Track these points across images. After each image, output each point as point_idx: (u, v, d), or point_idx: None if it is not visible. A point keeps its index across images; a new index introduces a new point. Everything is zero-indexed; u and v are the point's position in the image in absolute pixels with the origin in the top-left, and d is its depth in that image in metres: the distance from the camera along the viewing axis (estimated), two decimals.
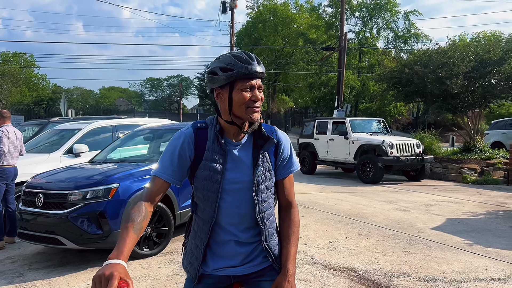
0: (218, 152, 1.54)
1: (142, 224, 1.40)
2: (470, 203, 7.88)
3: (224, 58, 1.52)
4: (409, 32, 29.36)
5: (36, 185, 4.80)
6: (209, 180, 1.53)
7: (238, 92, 1.49)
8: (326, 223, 6.32)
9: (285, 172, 1.68)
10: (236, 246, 1.58)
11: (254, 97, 1.50)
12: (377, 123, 12.78)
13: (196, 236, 1.63)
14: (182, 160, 1.55)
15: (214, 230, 1.58)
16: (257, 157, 1.57)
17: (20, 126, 9.73)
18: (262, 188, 1.57)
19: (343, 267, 4.36)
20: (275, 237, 1.66)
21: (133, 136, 6.44)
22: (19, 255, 5.08)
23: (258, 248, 1.61)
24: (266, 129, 1.62)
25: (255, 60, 1.52)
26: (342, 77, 19.27)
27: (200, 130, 1.59)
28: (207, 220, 1.56)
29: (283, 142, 1.65)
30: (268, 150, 1.60)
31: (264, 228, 1.59)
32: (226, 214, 1.56)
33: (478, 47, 12.81)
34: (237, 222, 1.57)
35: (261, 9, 39.19)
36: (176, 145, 1.56)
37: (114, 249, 1.28)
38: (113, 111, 39.10)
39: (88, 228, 4.34)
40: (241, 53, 1.53)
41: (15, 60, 44.35)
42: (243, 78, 1.49)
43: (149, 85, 64.06)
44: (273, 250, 1.62)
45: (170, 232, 4.98)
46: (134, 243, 1.34)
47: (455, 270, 4.23)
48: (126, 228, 1.36)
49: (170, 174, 1.54)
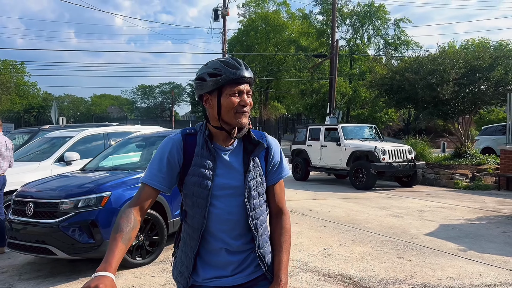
0: (207, 158, 1.52)
1: (131, 234, 1.38)
2: (463, 209, 7.92)
3: (212, 63, 1.52)
4: (400, 39, 29.72)
5: (26, 193, 4.72)
6: (198, 186, 1.51)
7: (227, 97, 1.48)
8: (320, 230, 6.31)
9: (276, 177, 1.65)
10: (228, 255, 1.55)
11: (242, 101, 1.50)
12: (369, 129, 12.84)
13: (185, 244, 1.59)
14: (171, 166, 1.53)
15: (204, 238, 1.54)
16: (248, 163, 1.55)
17: (10, 134, 9.62)
18: (254, 194, 1.55)
19: (338, 274, 4.34)
20: (268, 245, 1.63)
21: (125, 143, 6.39)
22: (9, 265, 4.98)
23: (250, 256, 1.58)
24: (256, 134, 1.60)
25: (243, 65, 1.51)
26: (334, 84, 19.39)
27: (189, 136, 1.57)
28: (197, 227, 1.53)
29: (273, 148, 1.64)
30: (259, 155, 1.58)
31: (258, 235, 1.56)
32: (217, 221, 1.53)
33: (467, 54, 12.99)
34: (229, 228, 1.54)
35: (252, 16, 39.38)
36: (164, 152, 1.54)
37: (102, 261, 1.27)
38: (105, 119, 38.90)
39: (80, 237, 4.27)
40: (228, 59, 1.52)
41: (5, 67, 43.98)
42: (231, 83, 1.48)
43: (141, 92, 63.89)
44: (266, 259, 1.59)
45: (163, 240, 4.92)
46: (123, 254, 1.32)
47: (449, 276, 4.23)
48: (115, 238, 1.34)
49: (159, 181, 1.52)
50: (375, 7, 29.11)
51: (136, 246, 4.68)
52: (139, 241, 4.69)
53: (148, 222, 4.76)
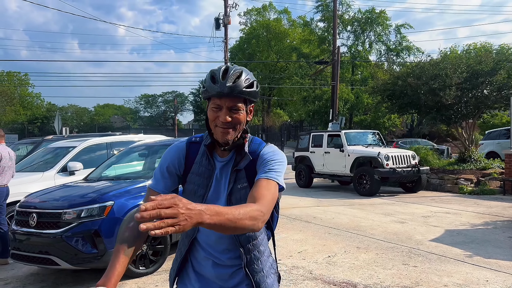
0: (206, 167, 1.51)
1: (135, 244, 1.37)
2: (468, 214, 7.86)
3: (209, 72, 1.48)
4: (401, 45, 29.74)
5: (29, 204, 4.72)
6: (194, 195, 1.50)
7: (210, 110, 1.45)
8: (324, 237, 6.26)
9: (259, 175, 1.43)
10: (215, 267, 1.51)
11: (221, 117, 1.40)
12: (372, 135, 12.81)
13: (178, 249, 1.63)
14: (172, 173, 1.54)
15: (194, 245, 1.56)
16: (233, 175, 1.50)
17: (14, 145, 9.67)
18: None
19: (343, 282, 4.30)
20: (261, 263, 1.54)
21: (128, 152, 6.39)
22: (12, 276, 4.97)
23: (239, 274, 1.51)
24: (254, 145, 1.53)
25: (227, 78, 1.38)
26: (336, 90, 19.40)
27: (193, 144, 1.57)
28: (188, 233, 1.54)
29: (264, 154, 1.49)
30: (244, 166, 1.49)
31: (244, 250, 1.50)
32: (203, 232, 1.52)
33: (469, 59, 12.97)
34: (214, 242, 1.51)
35: (254, 25, 39.63)
36: (166, 159, 1.55)
37: (104, 275, 1.26)
38: (108, 128, 39.04)
39: (83, 247, 4.26)
40: (218, 69, 1.43)
41: (10, 79, 44.33)
42: (212, 96, 1.42)
43: (144, 101, 64.10)
44: (254, 277, 1.50)
45: (167, 250, 4.90)
46: (125, 267, 1.31)
47: (456, 282, 4.18)
48: (118, 250, 1.32)
49: (164, 186, 1.52)
50: (376, 13, 29.19)
51: (140, 255, 4.66)
52: (143, 251, 4.67)
53: None
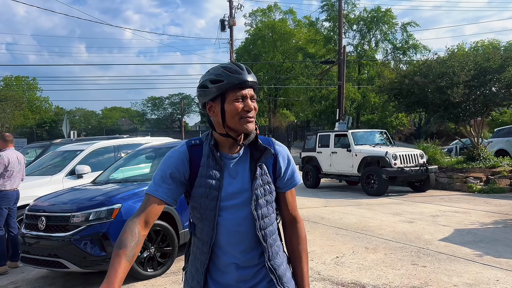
0: (214, 168, 1.48)
1: (135, 250, 1.35)
2: (477, 213, 7.78)
3: (213, 70, 1.48)
4: (407, 43, 29.55)
5: (38, 208, 4.77)
6: (206, 198, 1.46)
7: (230, 103, 1.44)
8: (332, 238, 6.24)
9: (287, 185, 1.59)
10: (237, 271, 1.49)
11: (246, 107, 1.45)
12: (380, 134, 12.74)
13: (196, 259, 1.55)
14: (175, 178, 1.49)
15: (214, 252, 1.49)
16: (255, 170, 1.49)
17: (23, 149, 9.75)
18: (261, 202, 1.49)
19: (351, 283, 4.27)
20: (279, 257, 1.56)
21: (135, 155, 6.43)
22: (22, 279, 5.01)
23: (261, 272, 1.51)
24: (263, 141, 1.54)
25: (245, 69, 1.47)
26: (343, 90, 19.34)
27: (194, 147, 1.53)
28: (206, 240, 1.49)
29: (281, 154, 1.57)
30: (266, 162, 1.52)
31: (267, 245, 1.50)
32: (225, 233, 1.47)
33: (477, 56, 12.85)
34: (237, 241, 1.48)
35: (259, 26, 39.59)
36: (169, 163, 1.50)
37: (105, 280, 1.23)
38: (116, 131, 39.21)
39: (91, 250, 4.28)
40: (230, 64, 1.48)
41: (18, 84, 44.77)
42: (234, 88, 1.44)
43: (150, 104, 64.37)
44: (277, 271, 1.52)
45: (174, 251, 4.91)
46: (126, 272, 1.29)
47: (466, 282, 4.14)
48: (118, 255, 1.30)
49: (164, 192, 1.47)
50: (381, 12, 29.06)
51: (148, 257, 4.68)
52: (150, 253, 4.69)
53: (159, 233, 4.76)
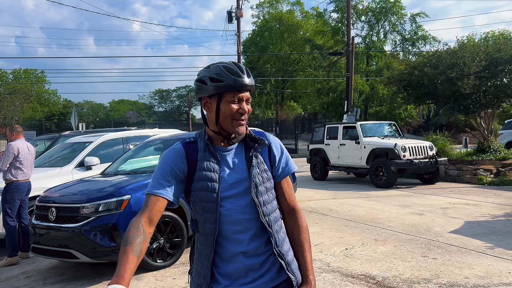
0: (211, 160, 1.52)
1: (141, 246, 1.35)
2: (488, 205, 7.70)
3: (214, 68, 1.52)
4: (417, 34, 29.16)
5: (48, 199, 4.80)
6: (206, 190, 1.49)
7: (226, 104, 1.49)
8: (341, 230, 6.21)
9: (283, 173, 1.63)
10: (245, 259, 1.50)
11: (241, 109, 1.50)
12: (388, 126, 12.64)
13: (200, 255, 1.56)
14: (175, 175, 1.51)
15: (219, 244, 1.50)
16: (251, 159, 1.54)
17: (32, 141, 9.80)
18: (261, 189, 1.52)
19: (361, 275, 4.26)
20: (286, 242, 1.59)
21: (143, 147, 6.43)
22: (33, 270, 5.07)
23: (269, 260, 1.53)
24: (256, 133, 1.62)
25: (245, 73, 1.51)
26: (351, 81, 19.18)
27: (189, 144, 1.58)
28: (210, 233, 1.50)
29: (274, 144, 1.64)
30: (261, 151, 1.59)
31: (273, 231, 1.53)
32: (229, 222, 1.49)
33: (488, 47, 12.65)
34: (243, 229, 1.50)
35: (266, 17, 39.30)
36: (167, 161, 1.53)
37: (114, 274, 1.24)
38: (123, 124, 39.45)
39: (101, 241, 4.30)
40: (231, 65, 1.52)
41: (27, 76, 45.07)
42: (232, 90, 1.48)
43: (158, 96, 64.57)
44: (286, 257, 1.54)
45: (184, 242, 4.93)
46: (135, 266, 1.29)
47: (477, 274, 4.10)
48: (125, 251, 1.30)
49: (165, 190, 1.48)
50: (390, 2, 28.67)
51: (157, 248, 4.70)
52: (160, 244, 4.70)
53: (168, 224, 4.77)
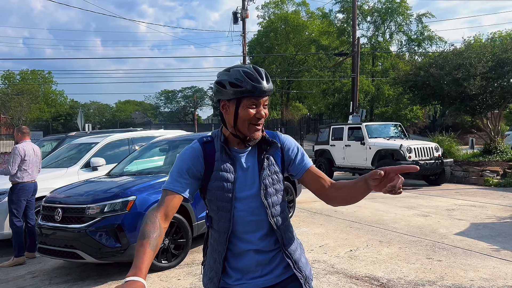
0: (227, 162, 1.57)
1: (158, 241, 1.38)
2: (494, 207, 7.65)
3: (233, 72, 1.53)
4: (423, 34, 29.04)
5: (54, 199, 4.84)
6: (222, 190, 1.55)
7: (244, 109, 1.52)
8: (346, 231, 6.21)
9: (303, 166, 1.65)
10: (256, 255, 1.57)
11: (258, 114, 1.54)
12: (394, 127, 12.60)
13: (213, 250, 1.62)
14: (192, 173, 1.56)
15: (231, 242, 1.57)
16: (262, 161, 1.58)
17: (39, 142, 9.89)
18: (270, 191, 1.57)
19: (365, 276, 4.25)
20: (294, 243, 1.64)
21: (149, 148, 6.47)
22: (39, 270, 5.11)
23: (278, 256, 1.60)
24: (269, 135, 1.65)
25: (264, 78, 1.53)
26: (356, 82, 19.13)
27: (207, 143, 1.62)
28: (223, 231, 1.56)
29: (286, 143, 1.67)
30: (274, 154, 1.62)
31: (280, 232, 1.59)
32: (242, 223, 1.56)
33: (494, 47, 12.57)
34: (254, 229, 1.57)
35: (272, 18, 39.29)
36: (185, 159, 1.58)
37: (132, 267, 1.26)
38: (129, 124, 39.61)
39: (107, 241, 4.33)
40: (251, 69, 1.53)
41: (34, 77, 45.40)
42: (251, 96, 1.51)
43: (164, 97, 64.69)
44: (293, 256, 1.61)
45: (188, 243, 4.95)
46: (151, 259, 1.32)
47: (482, 277, 4.08)
48: (142, 245, 1.33)
49: (182, 187, 1.54)
50: (396, 3, 28.58)
51: (162, 249, 4.72)
52: (165, 244, 4.72)
53: (172, 225, 4.79)
